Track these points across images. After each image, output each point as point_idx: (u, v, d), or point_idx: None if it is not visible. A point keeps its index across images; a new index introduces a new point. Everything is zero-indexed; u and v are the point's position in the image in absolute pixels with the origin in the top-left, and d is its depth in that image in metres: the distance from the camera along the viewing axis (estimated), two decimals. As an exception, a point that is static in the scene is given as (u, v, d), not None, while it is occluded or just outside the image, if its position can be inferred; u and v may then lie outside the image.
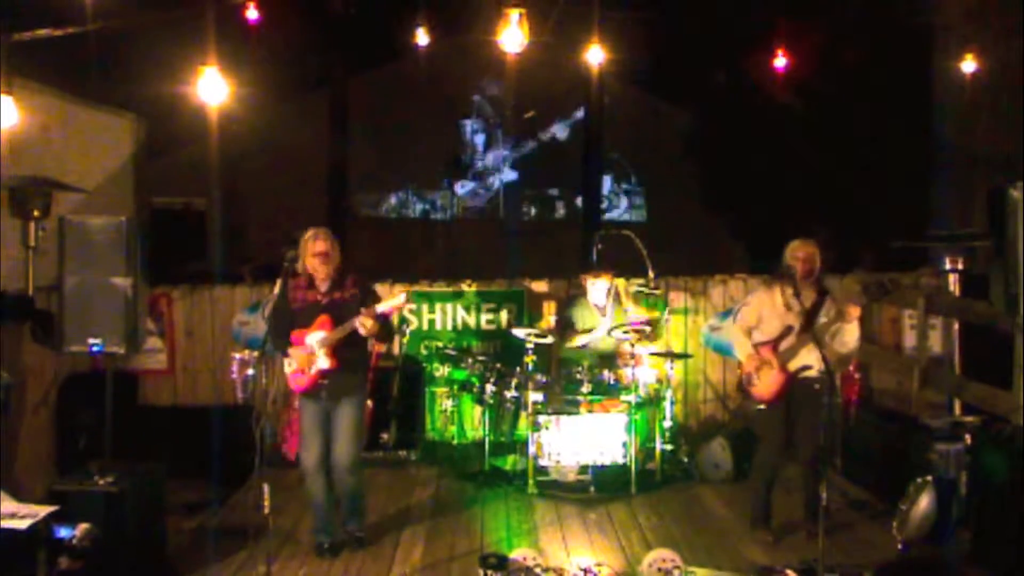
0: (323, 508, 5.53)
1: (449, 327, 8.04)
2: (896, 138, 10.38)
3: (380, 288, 6.16)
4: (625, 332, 6.89)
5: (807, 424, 5.52)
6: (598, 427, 6.60)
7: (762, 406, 5.67)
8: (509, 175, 15.61)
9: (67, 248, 5.14)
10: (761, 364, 5.59)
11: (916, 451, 5.91)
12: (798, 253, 5.52)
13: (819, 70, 10.44)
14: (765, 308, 5.65)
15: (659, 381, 7.05)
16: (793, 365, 5.56)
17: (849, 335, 5.55)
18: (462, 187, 15.34)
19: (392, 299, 5.41)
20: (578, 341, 7.07)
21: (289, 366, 5.47)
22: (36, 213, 7.01)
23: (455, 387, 7.52)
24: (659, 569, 4.88)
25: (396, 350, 7.80)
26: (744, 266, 8.43)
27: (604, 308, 7.14)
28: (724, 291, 8.11)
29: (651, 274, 7.51)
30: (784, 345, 5.57)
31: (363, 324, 5.24)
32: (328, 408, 5.44)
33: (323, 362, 5.34)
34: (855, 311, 5.45)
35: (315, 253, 5.33)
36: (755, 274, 8.07)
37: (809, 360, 5.50)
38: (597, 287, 7.11)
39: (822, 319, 5.49)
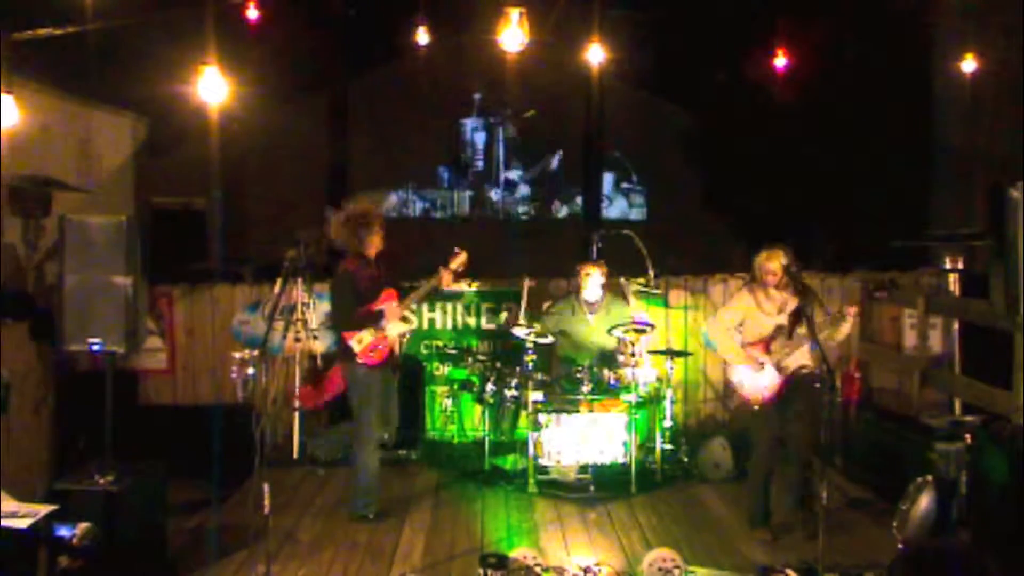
0: (378, 479, 6.07)
1: (449, 326, 8.04)
2: (896, 138, 10.36)
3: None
4: (625, 331, 6.89)
5: (803, 420, 5.52)
6: (598, 426, 6.60)
7: (755, 407, 5.69)
8: (511, 175, 15.62)
9: (67, 247, 5.14)
10: (757, 367, 5.60)
11: (916, 451, 5.91)
12: (766, 265, 5.54)
13: (819, 70, 10.43)
14: (751, 310, 5.65)
15: (659, 380, 7.05)
16: (787, 365, 5.57)
17: (841, 332, 5.55)
18: (497, 192, 15.40)
19: (459, 257, 6.08)
20: (522, 332, 6.94)
21: (360, 343, 5.86)
22: (36, 212, 7.02)
23: (455, 386, 7.52)
24: (659, 568, 4.88)
25: (396, 349, 7.79)
26: (744, 266, 8.41)
27: (595, 304, 7.13)
28: (724, 290, 8.11)
29: (651, 273, 7.51)
30: (776, 346, 5.58)
31: (446, 279, 6.02)
32: (389, 377, 6.06)
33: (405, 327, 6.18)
34: (853, 310, 5.46)
35: (382, 228, 5.98)
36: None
37: (804, 359, 5.51)
38: (593, 279, 7.09)
39: (817, 317, 5.50)
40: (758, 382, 5.61)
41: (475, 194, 15.47)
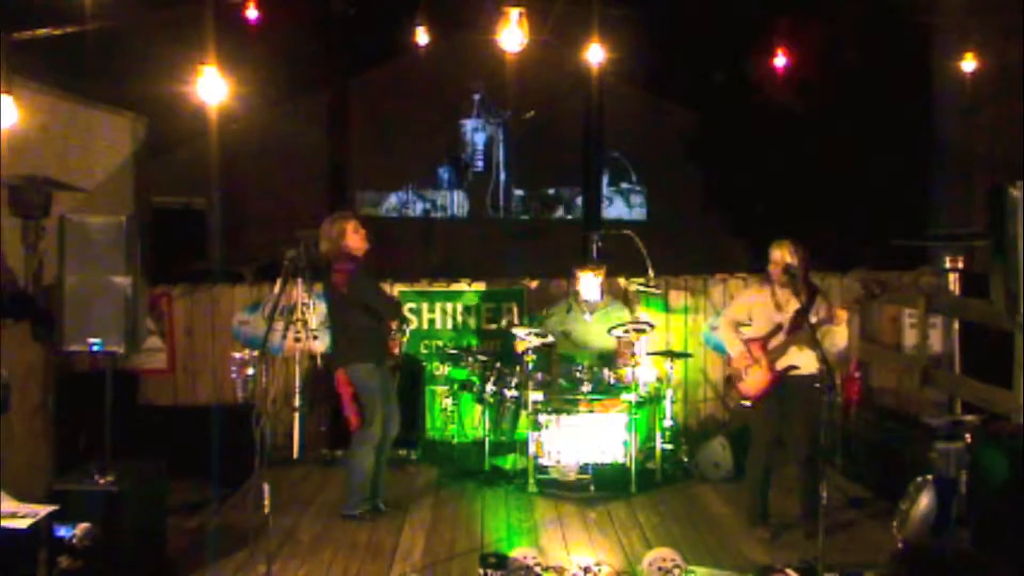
0: (371, 480, 6.06)
1: (449, 326, 8.04)
2: (896, 137, 10.38)
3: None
4: (625, 331, 6.88)
5: (803, 422, 5.51)
6: (598, 426, 6.60)
7: (746, 403, 5.71)
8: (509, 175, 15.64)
9: (67, 247, 5.13)
10: (751, 362, 5.60)
11: (916, 450, 5.91)
12: (772, 255, 5.56)
13: (819, 69, 10.44)
14: (757, 306, 5.67)
15: (659, 380, 7.05)
16: (782, 364, 5.56)
17: (839, 336, 5.54)
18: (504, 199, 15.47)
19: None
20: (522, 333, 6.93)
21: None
22: (36, 212, 7.02)
23: (455, 386, 7.52)
24: (659, 568, 4.88)
25: (396, 350, 7.79)
26: (744, 266, 8.42)
27: (595, 305, 7.12)
28: (724, 290, 8.11)
29: (651, 273, 7.51)
30: (773, 344, 5.58)
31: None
32: (389, 375, 6.28)
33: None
34: (843, 315, 5.45)
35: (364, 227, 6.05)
36: (755, 273, 8.07)
37: (800, 359, 5.50)
38: (590, 281, 7.09)
39: (812, 318, 5.48)
40: (753, 377, 5.62)
41: (475, 194, 15.48)
